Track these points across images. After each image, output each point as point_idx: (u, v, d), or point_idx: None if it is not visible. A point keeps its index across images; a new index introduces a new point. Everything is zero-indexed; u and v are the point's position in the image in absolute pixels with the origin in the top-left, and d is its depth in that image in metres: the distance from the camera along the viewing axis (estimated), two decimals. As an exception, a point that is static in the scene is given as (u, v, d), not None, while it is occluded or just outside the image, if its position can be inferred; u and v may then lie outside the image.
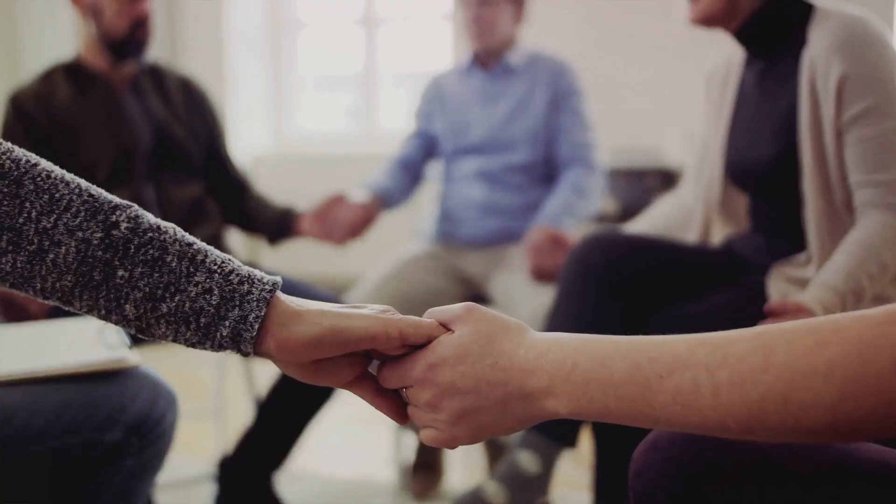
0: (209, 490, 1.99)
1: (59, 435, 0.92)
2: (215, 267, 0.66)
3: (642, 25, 3.84)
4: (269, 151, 4.70)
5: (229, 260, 0.67)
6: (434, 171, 2.37)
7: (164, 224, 0.66)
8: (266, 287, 0.66)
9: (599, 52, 3.78)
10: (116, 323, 0.65)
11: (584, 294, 1.45)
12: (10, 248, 0.62)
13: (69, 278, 0.63)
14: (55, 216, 0.63)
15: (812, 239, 1.39)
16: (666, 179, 3.41)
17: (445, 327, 0.68)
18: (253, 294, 0.65)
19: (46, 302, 0.65)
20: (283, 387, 1.83)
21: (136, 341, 1.10)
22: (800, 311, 1.19)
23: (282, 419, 1.83)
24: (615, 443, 1.47)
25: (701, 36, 1.61)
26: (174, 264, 0.64)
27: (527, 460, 1.38)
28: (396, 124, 4.57)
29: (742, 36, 1.47)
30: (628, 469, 1.46)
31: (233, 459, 1.82)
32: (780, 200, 1.50)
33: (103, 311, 0.64)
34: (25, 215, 0.62)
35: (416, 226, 2.47)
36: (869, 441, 0.54)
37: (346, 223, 1.99)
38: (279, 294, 0.66)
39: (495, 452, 2.11)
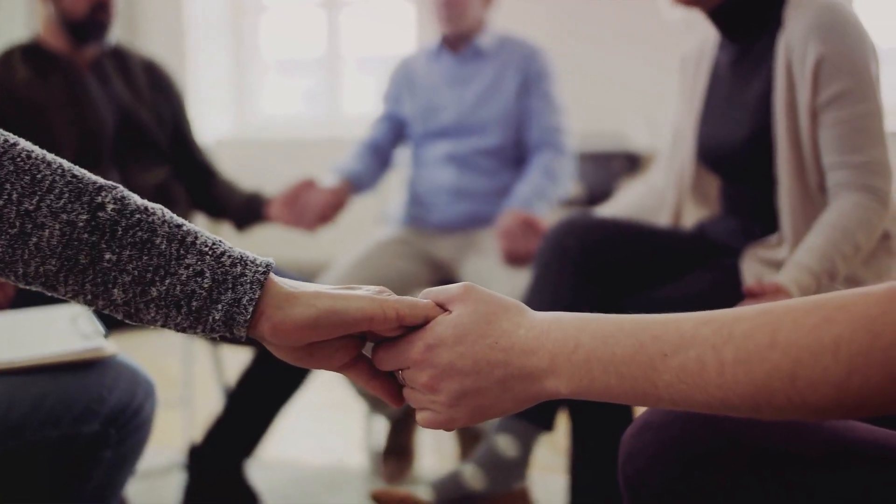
0: (178, 480, 1.97)
1: (37, 428, 0.89)
2: (206, 249, 0.64)
3: (606, 11, 3.85)
4: (230, 136, 4.63)
5: (220, 241, 0.65)
6: (403, 155, 2.35)
7: (151, 205, 0.64)
8: (259, 269, 0.64)
9: (564, 36, 3.78)
10: (102, 308, 0.63)
11: (560, 277, 1.45)
12: None
13: (53, 262, 0.60)
14: (37, 198, 0.60)
15: (785, 220, 1.41)
16: (631, 163, 3.43)
17: (442, 308, 0.66)
18: (246, 276, 0.63)
19: (28, 287, 0.62)
20: (254, 374, 1.81)
21: (109, 330, 1.08)
22: (777, 292, 1.20)
23: (252, 407, 1.81)
24: (591, 426, 1.48)
25: (665, 22, 1.62)
26: (163, 247, 0.62)
27: (505, 444, 1.38)
28: (360, 108, 4.53)
29: (719, 16, 1.48)
30: (603, 452, 1.47)
31: (203, 448, 1.79)
32: (752, 183, 1.51)
33: (89, 297, 0.62)
34: (6, 197, 0.60)
35: (384, 211, 2.45)
36: (873, 416, 0.54)
37: (316, 208, 1.96)
38: (272, 276, 0.65)
39: (467, 437, 2.11)
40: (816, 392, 0.54)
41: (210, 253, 0.63)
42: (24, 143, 0.62)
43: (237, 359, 2.01)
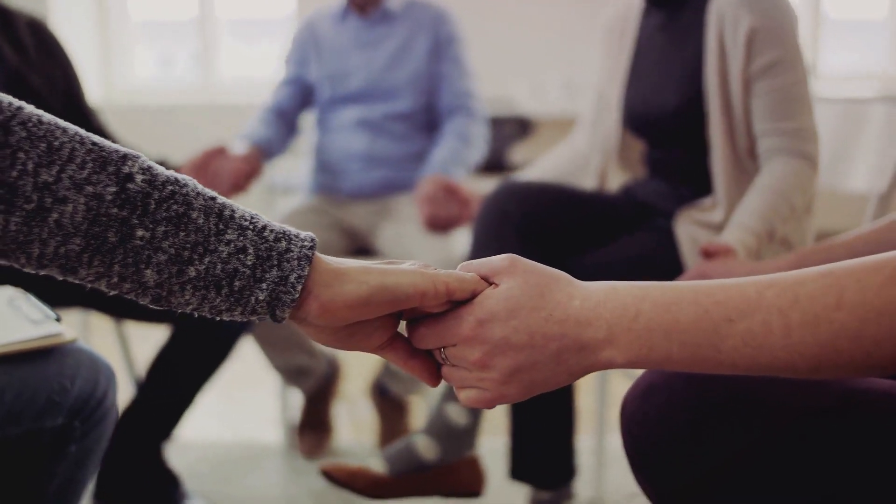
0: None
1: (-3, 426, 0.80)
2: (246, 223, 0.58)
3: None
4: (99, 102, 4.36)
5: (258, 215, 0.59)
6: (307, 120, 2.28)
7: (181, 176, 0.57)
8: (305, 243, 0.59)
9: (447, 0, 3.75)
10: (128, 292, 0.56)
11: (502, 241, 1.44)
12: (2, 206, 0.52)
13: (77, 241, 0.53)
14: (57, 168, 0.53)
15: (718, 184, 1.45)
16: (521, 127, 3.46)
17: (487, 281, 0.64)
18: (292, 252, 0.58)
19: (39, 272, 0.55)
20: (171, 353, 1.71)
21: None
22: (727, 252, 1.24)
23: (170, 387, 1.72)
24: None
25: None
26: (201, 221, 0.56)
27: (455, 413, 1.37)
28: (236, 73, 4.36)
29: None
30: (543, 414, 1.48)
31: (118, 432, 1.69)
32: (680, 147, 1.54)
33: (115, 279, 0.55)
34: (20, 167, 0.52)
35: (273, 181, 2.38)
36: None
37: (228, 176, 1.87)
38: (316, 252, 0.60)
39: (385, 408, 2.09)
40: (880, 349, 0.56)
41: (251, 227, 0.58)
42: (30, 107, 0.54)
43: (147, 345, 1.91)
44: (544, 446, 1.49)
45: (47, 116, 0.55)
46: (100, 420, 0.90)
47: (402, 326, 0.67)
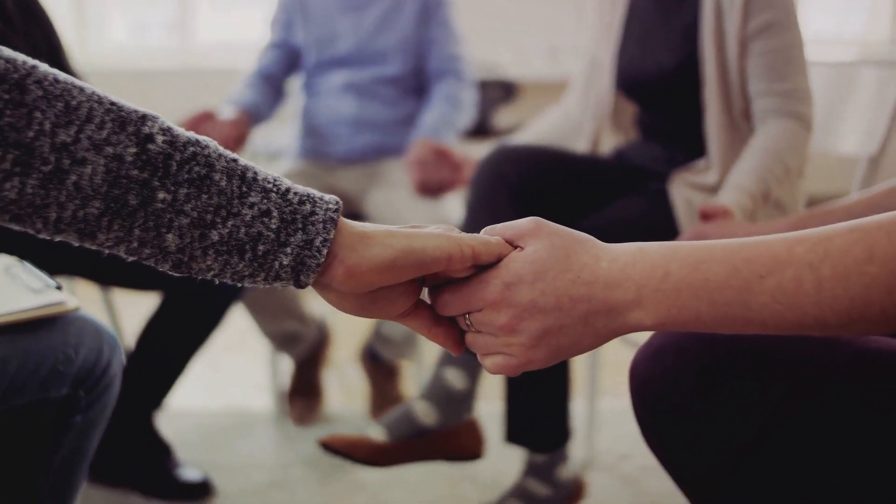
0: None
1: (2, 397, 0.79)
2: (269, 185, 0.56)
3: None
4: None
5: (280, 177, 0.58)
6: (294, 84, 2.24)
7: (201, 137, 0.56)
8: (330, 206, 0.58)
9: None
10: (148, 258, 0.54)
11: (498, 204, 1.43)
12: (18, 169, 0.50)
13: (97, 204, 0.52)
14: (75, 128, 0.51)
15: (713, 146, 1.45)
16: (506, 91, 3.44)
17: (511, 244, 0.63)
18: (318, 214, 0.57)
19: (54, 238, 0.53)
20: (161, 321, 1.70)
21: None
22: (725, 214, 1.24)
23: (159, 357, 1.71)
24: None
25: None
26: (223, 183, 0.55)
27: (453, 377, 1.37)
28: (214, 37, 4.29)
29: None
30: (537, 378, 1.48)
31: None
32: (674, 110, 1.54)
33: (135, 244, 0.53)
34: (36, 128, 0.50)
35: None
36: None
37: (218, 141, 1.84)
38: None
39: (376, 373, 2.09)
40: None
41: (275, 189, 0.56)
42: (45, 66, 0.52)
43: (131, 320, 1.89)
44: (539, 410, 1.49)
45: (63, 75, 0.53)
46: (104, 390, 0.89)
47: (424, 294, 0.66)
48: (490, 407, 1.92)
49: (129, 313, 2.05)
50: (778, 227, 1.16)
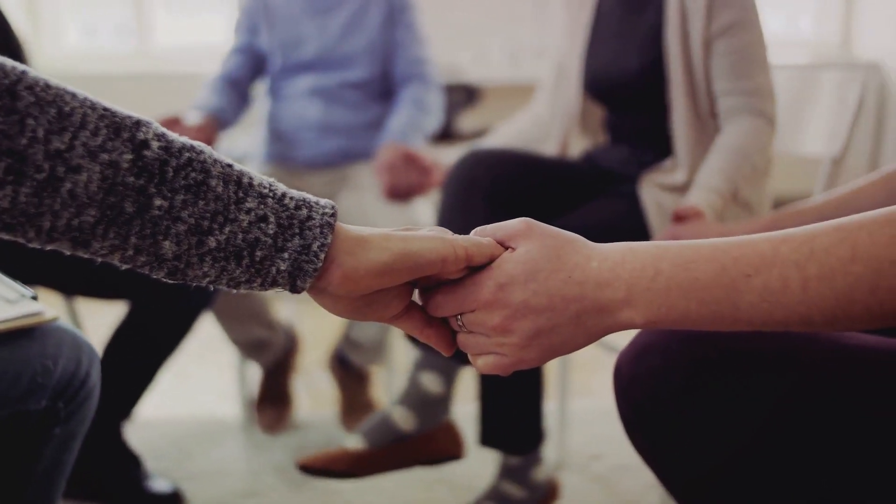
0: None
1: (-20, 410, 0.77)
2: (265, 190, 0.56)
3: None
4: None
5: (275, 182, 0.58)
6: (259, 89, 2.22)
7: (195, 142, 0.55)
8: (327, 211, 0.57)
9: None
10: (142, 266, 0.53)
11: (471, 207, 1.44)
12: (11, 177, 0.48)
13: (92, 213, 0.51)
14: (69, 135, 0.50)
15: (680, 146, 1.47)
16: (468, 95, 3.45)
17: (503, 245, 0.63)
18: (314, 219, 0.57)
19: (46, 247, 0.52)
20: (129, 330, 1.67)
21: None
22: (697, 215, 1.26)
23: (127, 367, 1.68)
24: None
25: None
26: (220, 189, 0.54)
27: (429, 381, 1.37)
28: (172, 41, 4.23)
29: None
30: (511, 379, 1.48)
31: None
32: (641, 112, 1.56)
33: (131, 252, 0.53)
34: (29, 135, 0.49)
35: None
36: None
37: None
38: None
39: (346, 379, 2.08)
40: (895, 300, 0.57)
41: (271, 195, 0.56)
42: (34, 71, 0.51)
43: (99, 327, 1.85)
44: (513, 412, 1.50)
45: (54, 80, 0.51)
46: (83, 401, 0.88)
47: (415, 296, 0.66)
48: (465, 409, 1.92)
49: (93, 323, 2.01)
50: (753, 227, 1.18)
